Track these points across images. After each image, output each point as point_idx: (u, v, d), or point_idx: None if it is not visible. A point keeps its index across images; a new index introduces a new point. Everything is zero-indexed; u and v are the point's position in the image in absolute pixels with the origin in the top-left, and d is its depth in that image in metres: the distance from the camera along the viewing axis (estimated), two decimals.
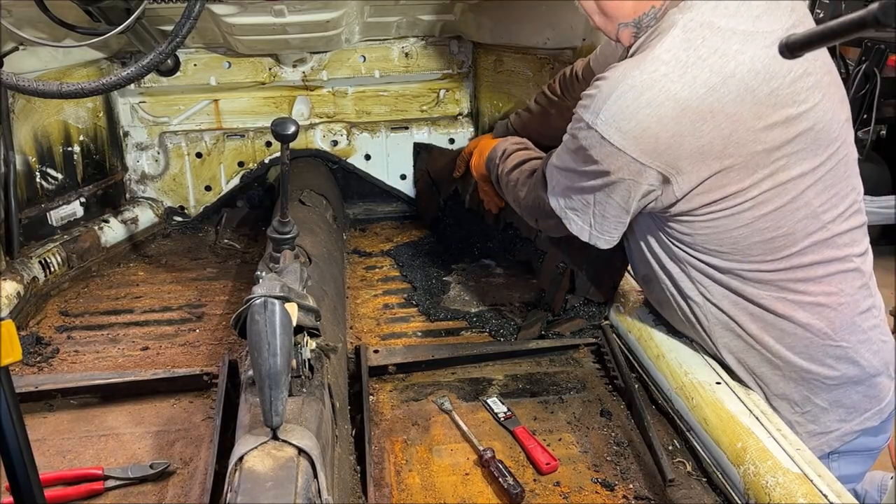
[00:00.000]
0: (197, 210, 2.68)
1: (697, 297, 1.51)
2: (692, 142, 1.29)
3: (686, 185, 1.34)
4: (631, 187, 1.36)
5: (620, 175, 1.35)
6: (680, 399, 1.53)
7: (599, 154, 1.34)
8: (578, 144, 1.37)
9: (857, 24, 0.72)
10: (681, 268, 1.50)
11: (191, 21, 1.43)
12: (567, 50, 2.20)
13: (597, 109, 1.31)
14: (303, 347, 1.22)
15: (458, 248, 2.45)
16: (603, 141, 1.31)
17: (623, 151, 1.31)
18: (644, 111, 1.27)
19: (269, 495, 0.96)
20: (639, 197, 1.38)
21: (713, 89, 1.26)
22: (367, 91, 2.63)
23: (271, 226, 1.52)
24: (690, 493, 1.37)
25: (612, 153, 1.32)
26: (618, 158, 1.32)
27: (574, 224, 1.50)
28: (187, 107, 2.57)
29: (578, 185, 1.44)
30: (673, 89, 1.27)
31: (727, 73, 1.26)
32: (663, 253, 1.53)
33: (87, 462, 1.45)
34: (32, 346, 1.88)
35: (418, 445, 1.52)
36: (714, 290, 1.48)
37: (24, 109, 2.19)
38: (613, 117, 1.29)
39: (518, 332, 1.94)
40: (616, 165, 1.33)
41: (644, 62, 1.30)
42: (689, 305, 1.54)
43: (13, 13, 1.83)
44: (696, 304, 1.52)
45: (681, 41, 1.29)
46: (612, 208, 1.43)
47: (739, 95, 1.27)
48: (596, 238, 1.50)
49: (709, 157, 1.30)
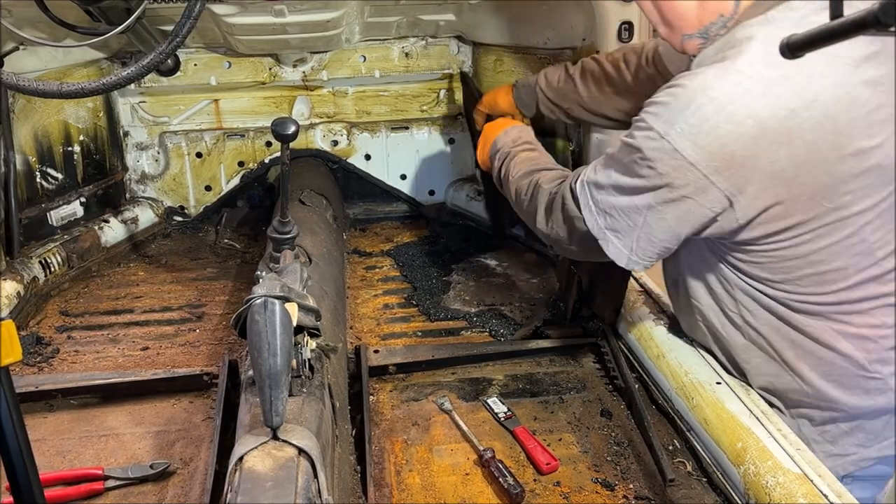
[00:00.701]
0: (197, 210, 2.69)
1: (737, 318, 1.45)
2: (766, 165, 1.22)
3: (750, 212, 1.27)
4: (690, 208, 1.28)
5: (683, 193, 1.26)
6: (680, 399, 1.53)
7: (666, 167, 1.25)
8: (639, 156, 1.28)
9: (857, 25, 0.72)
10: (725, 288, 1.44)
11: (191, 21, 1.43)
12: (567, 50, 2.20)
13: (671, 120, 1.23)
14: (303, 347, 1.22)
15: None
16: (675, 153, 1.23)
17: (694, 167, 1.23)
18: (724, 126, 1.20)
19: (269, 495, 0.96)
20: (695, 221, 1.30)
21: (795, 113, 1.20)
22: (367, 91, 2.63)
23: (271, 226, 1.52)
24: (690, 493, 1.37)
25: (682, 167, 1.23)
26: (686, 174, 1.24)
27: (612, 247, 1.38)
28: (187, 107, 2.57)
29: (627, 204, 1.33)
30: (755, 106, 1.20)
31: (810, 97, 1.20)
32: (709, 270, 1.46)
33: (87, 462, 1.45)
34: (32, 346, 1.88)
35: (418, 445, 1.52)
36: (759, 314, 1.42)
37: (25, 109, 2.19)
38: (691, 129, 1.22)
39: (516, 332, 1.94)
40: (682, 181, 1.25)
41: (726, 74, 1.22)
42: (720, 323, 1.49)
43: (13, 13, 1.83)
44: (732, 325, 1.47)
45: (762, 56, 1.21)
46: (663, 231, 1.33)
47: (819, 122, 1.20)
48: (634, 264, 1.39)
49: (778, 184, 1.24)
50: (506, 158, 1.74)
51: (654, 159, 1.26)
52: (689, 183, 1.25)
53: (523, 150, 1.74)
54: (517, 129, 1.84)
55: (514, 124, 1.86)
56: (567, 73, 1.92)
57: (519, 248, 2.46)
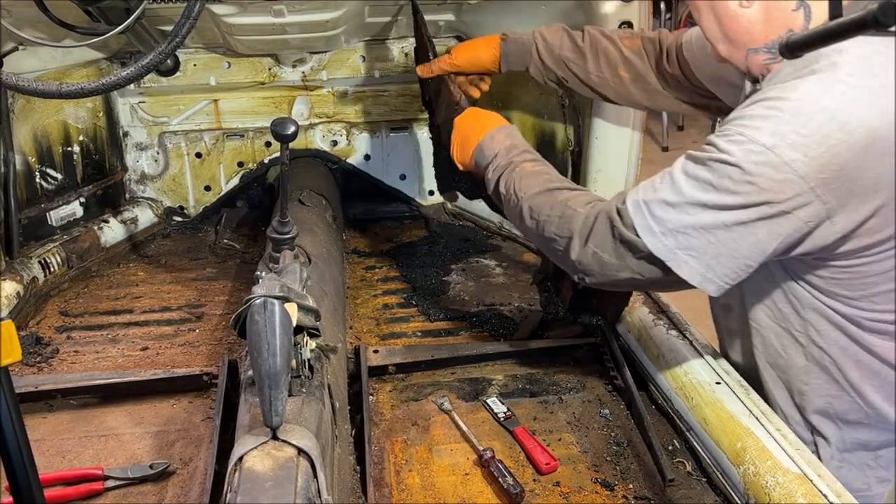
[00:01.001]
0: (196, 210, 2.69)
1: (803, 338, 1.42)
2: (871, 176, 1.20)
3: (848, 225, 1.24)
4: (787, 224, 1.23)
5: (783, 208, 1.20)
6: (680, 399, 1.53)
7: (769, 182, 1.19)
8: (736, 172, 1.21)
9: (857, 25, 0.72)
10: (794, 307, 1.41)
11: (191, 21, 1.43)
12: None
13: (780, 132, 1.18)
14: (303, 347, 1.22)
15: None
16: (782, 167, 1.18)
17: (803, 179, 1.18)
18: (836, 136, 1.17)
19: (269, 495, 0.96)
20: (789, 237, 1.24)
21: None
22: (366, 91, 2.63)
23: (271, 226, 1.52)
24: (690, 493, 1.37)
25: (787, 181, 1.18)
26: (791, 188, 1.19)
27: (685, 267, 1.28)
28: (187, 107, 2.57)
29: (710, 221, 1.24)
30: (865, 115, 1.17)
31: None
32: (776, 290, 1.42)
33: (86, 462, 1.45)
34: (32, 346, 1.88)
35: (418, 445, 1.52)
36: (827, 334, 1.40)
37: (24, 109, 2.19)
38: (802, 140, 1.17)
39: (514, 332, 1.94)
40: (784, 196, 1.19)
41: (829, 84, 1.19)
42: (781, 344, 1.45)
43: (13, 13, 1.83)
44: (794, 345, 1.44)
45: (860, 67, 1.19)
46: (749, 247, 1.25)
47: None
48: (707, 283, 1.30)
49: (878, 196, 1.22)
50: (505, 170, 1.56)
51: (757, 174, 1.19)
52: (792, 198, 1.20)
53: (525, 160, 1.57)
54: (504, 130, 1.64)
55: (498, 123, 1.66)
56: (573, 42, 1.79)
57: (519, 248, 2.46)
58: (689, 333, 1.67)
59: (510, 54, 1.84)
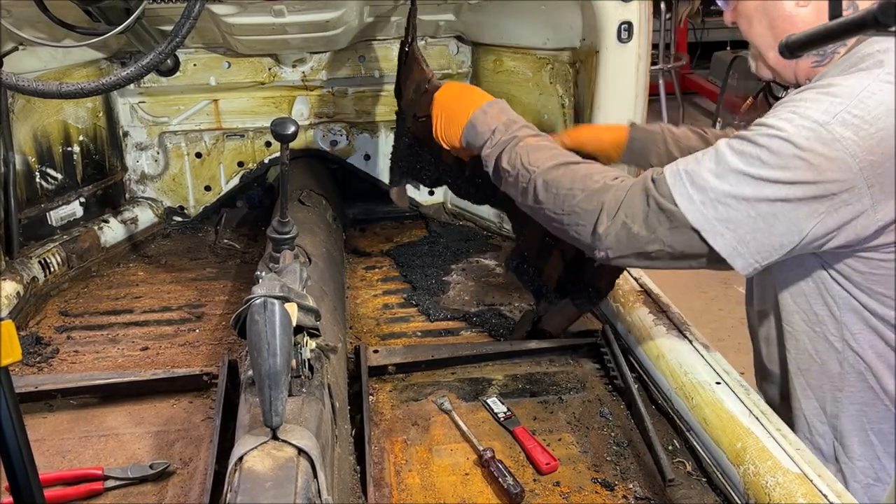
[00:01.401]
0: (196, 210, 2.69)
1: (838, 342, 1.42)
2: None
3: (889, 214, 1.25)
4: (828, 205, 1.23)
5: (831, 188, 1.22)
6: (680, 399, 1.53)
7: (818, 159, 1.20)
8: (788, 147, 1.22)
9: (856, 25, 0.72)
10: (831, 309, 1.41)
11: (191, 21, 1.43)
12: (567, 50, 2.20)
13: (831, 111, 1.21)
14: (303, 347, 1.22)
15: None
16: (833, 143, 1.20)
17: (853, 158, 1.20)
18: (885, 120, 1.20)
19: (269, 495, 0.96)
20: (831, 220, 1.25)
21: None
22: (366, 91, 2.63)
23: (271, 226, 1.52)
24: (690, 493, 1.37)
25: (837, 159, 1.20)
26: (841, 166, 1.20)
27: (720, 240, 1.27)
28: (187, 107, 2.57)
29: (753, 193, 1.24)
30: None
31: None
32: (814, 291, 1.41)
33: (86, 462, 1.45)
34: (32, 346, 1.88)
35: (418, 445, 1.52)
36: (862, 337, 1.40)
37: (24, 109, 2.19)
38: (853, 119, 1.20)
39: (511, 332, 1.94)
40: (834, 175, 1.21)
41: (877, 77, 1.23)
42: (815, 349, 1.45)
43: (13, 13, 1.83)
44: (829, 350, 1.44)
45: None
46: (787, 226, 1.25)
47: None
48: (738, 258, 1.27)
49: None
50: (507, 146, 1.50)
51: (808, 149, 1.20)
52: (839, 179, 1.21)
53: (527, 135, 1.51)
54: (496, 105, 1.58)
55: (486, 98, 1.59)
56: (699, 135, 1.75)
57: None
58: (690, 333, 1.67)
59: (636, 141, 1.80)
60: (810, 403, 1.49)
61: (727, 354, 1.62)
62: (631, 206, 1.32)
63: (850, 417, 1.46)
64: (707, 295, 4.30)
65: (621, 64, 2.04)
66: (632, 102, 2.07)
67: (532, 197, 1.45)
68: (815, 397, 1.49)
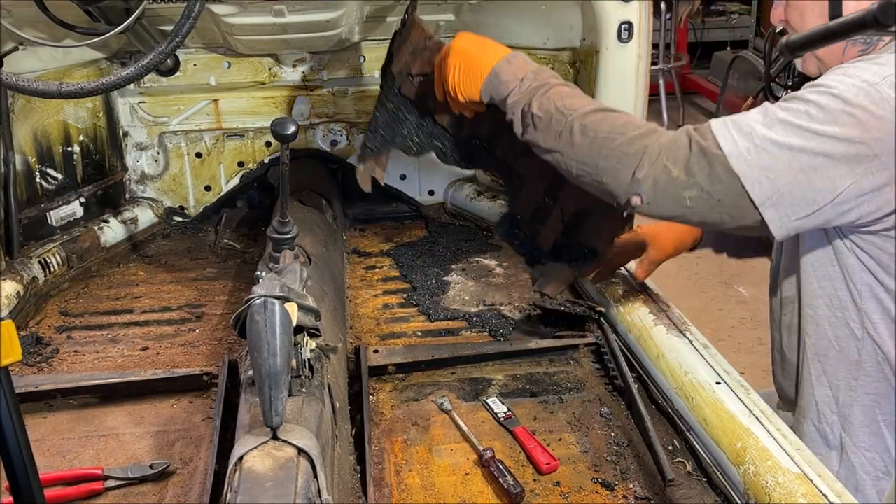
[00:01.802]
0: (197, 210, 2.69)
1: (859, 329, 1.43)
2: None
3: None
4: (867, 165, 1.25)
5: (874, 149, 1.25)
6: (680, 399, 1.53)
7: (867, 115, 1.24)
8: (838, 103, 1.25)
9: (856, 25, 0.72)
10: (853, 296, 1.42)
11: (191, 21, 1.43)
12: (566, 50, 2.20)
13: (881, 73, 1.26)
14: (303, 347, 1.22)
15: None
16: (883, 102, 1.24)
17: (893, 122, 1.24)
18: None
19: (269, 495, 0.96)
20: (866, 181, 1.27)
21: None
22: (367, 91, 2.63)
23: (271, 226, 1.52)
24: (690, 493, 1.37)
25: (885, 119, 1.24)
26: (886, 127, 1.24)
27: (758, 187, 1.27)
28: (187, 107, 2.57)
29: (799, 143, 1.25)
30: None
31: None
32: (840, 275, 1.43)
33: (86, 462, 1.45)
34: (32, 346, 1.88)
35: (418, 445, 1.52)
36: (881, 326, 1.41)
37: (24, 109, 2.19)
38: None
39: (513, 330, 1.94)
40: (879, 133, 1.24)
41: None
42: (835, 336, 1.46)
43: (13, 13, 1.83)
44: (850, 337, 1.44)
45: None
46: (823, 182, 1.26)
47: None
48: (770, 208, 1.28)
49: None
50: (538, 91, 1.44)
51: (857, 105, 1.24)
52: (882, 139, 1.24)
53: (559, 82, 1.47)
54: (521, 55, 1.53)
55: (508, 50, 1.55)
56: None
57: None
58: (690, 333, 1.67)
59: None
60: (823, 391, 1.50)
61: (727, 354, 1.62)
62: (674, 151, 1.31)
63: (863, 407, 1.46)
64: (707, 295, 4.30)
65: (621, 64, 2.04)
66: (632, 102, 2.07)
67: (566, 140, 1.40)
68: (830, 385, 1.49)
